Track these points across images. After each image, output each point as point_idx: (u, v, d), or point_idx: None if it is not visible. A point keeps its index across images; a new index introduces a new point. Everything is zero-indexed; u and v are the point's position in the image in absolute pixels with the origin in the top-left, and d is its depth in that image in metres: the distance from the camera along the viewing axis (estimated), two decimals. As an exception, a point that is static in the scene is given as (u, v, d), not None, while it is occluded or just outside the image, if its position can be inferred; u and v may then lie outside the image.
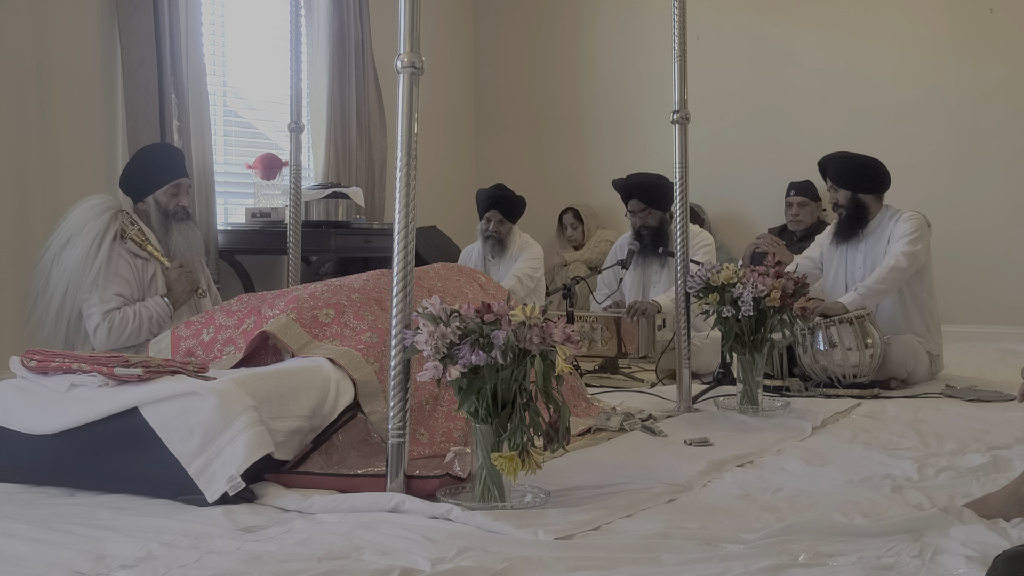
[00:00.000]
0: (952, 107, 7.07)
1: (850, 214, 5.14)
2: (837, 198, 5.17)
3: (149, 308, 4.20)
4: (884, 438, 3.73)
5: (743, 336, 4.18)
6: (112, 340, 4.12)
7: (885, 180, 5.18)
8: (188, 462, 2.89)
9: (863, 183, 5.13)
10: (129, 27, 5.49)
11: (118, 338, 4.13)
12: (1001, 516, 2.57)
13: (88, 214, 4.18)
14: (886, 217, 5.14)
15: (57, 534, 2.57)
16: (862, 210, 5.13)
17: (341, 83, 6.85)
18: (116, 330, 4.12)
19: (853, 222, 5.14)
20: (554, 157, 8.33)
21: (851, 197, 5.13)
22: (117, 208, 4.27)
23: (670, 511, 2.79)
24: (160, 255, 4.29)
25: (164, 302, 4.25)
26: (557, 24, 8.33)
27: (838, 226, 5.23)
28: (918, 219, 5.07)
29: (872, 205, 5.16)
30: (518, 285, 5.72)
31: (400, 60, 2.89)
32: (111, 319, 4.12)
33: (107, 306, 4.12)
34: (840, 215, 5.19)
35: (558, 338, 2.71)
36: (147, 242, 4.27)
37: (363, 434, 3.24)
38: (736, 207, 7.68)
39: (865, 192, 5.14)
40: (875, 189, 5.15)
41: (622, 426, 3.86)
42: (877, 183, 5.15)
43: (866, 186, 5.13)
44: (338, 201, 6.11)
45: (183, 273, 4.32)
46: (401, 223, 2.85)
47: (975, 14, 7.02)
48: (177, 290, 4.30)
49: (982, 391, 4.69)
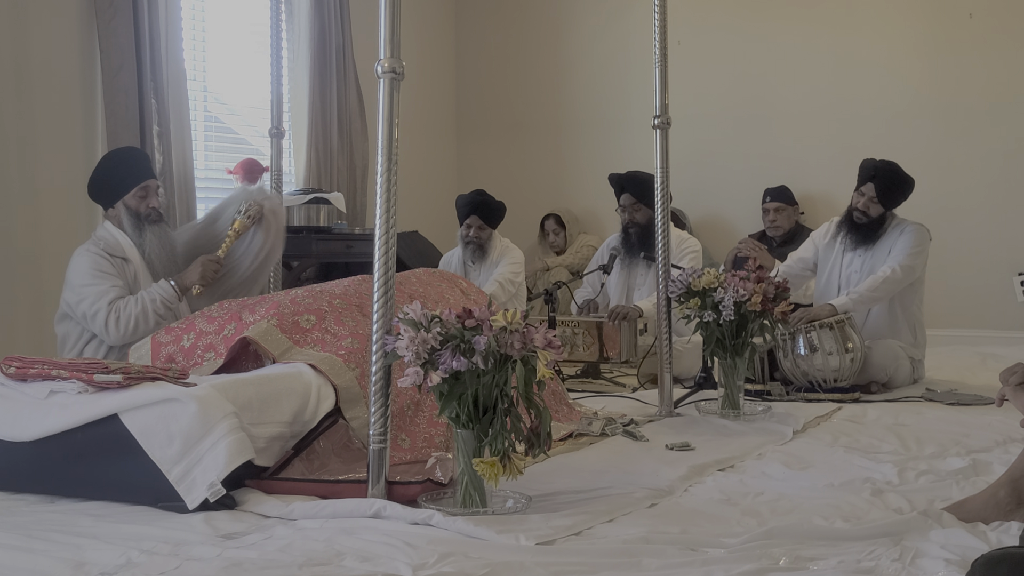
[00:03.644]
0: (933, 111, 7.11)
1: (871, 224, 5.12)
2: (870, 208, 5.09)
3: (151, 292, 4.08)
4: (864, 442, 3.75)
5: (724, 340, 4.19)
6: (122, 330, 4.00)
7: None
8: (168, 469, 2.88)
9: (899, 200, 5.14)
10: (108, 31, 5.47)
11: (126, 325, 4.01)
12: (980, 519, 2.59)
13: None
14: (891, 226, 5.14)
15: (36, 541, 2.56)
16: (882, 222, 5.14)
17: (322, 88, 6.85)
18: (123, 318, 4.00)
19: (870, 232, 5.12)
20: (536, 162, 8.34)
21: (883, 212, 5.12)
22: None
23: (651, 516, 2.79)
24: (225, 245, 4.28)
25: (170, 285, 4.12)
26: (538, 29, 8.34)
27: (853, 232, 5.14)
28: (922, 233, 5.07)
29: (890, 217, 5.19)
30: (499, 290, 5.71)
31: (381, 65, 2.89)
32: (116, 308, 4.01)
33: (109, 296, 4.02)
34: (858, 220, 5.13)
35: (539, 343, 2.72)
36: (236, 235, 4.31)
37: (344, 440, 3.24)
38: (718, 212, 7.70)
39: (895, 207, 5.16)
40: (900, 204, 5.17)
41: (604, 431, 3.87)
42: (904, 200, 5.16)
43: (898, 203, 5.15)
44: (319, 206, 6.11)
45: (212, 264, 4.20)
46: (382, 228, 2.85)
47: (955, 19, 7.06)
48: (196, 274, 4.17)
49: (962, 395, 4.71)
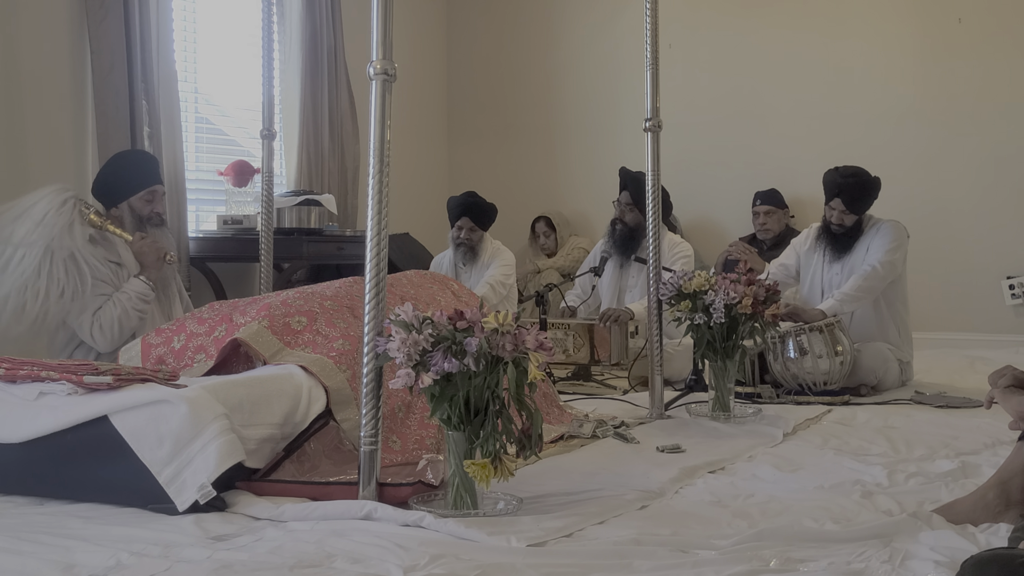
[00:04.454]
0: (922, 116, 7.13)
1: (848, 232, 5.14)
2: (844, 220, 5.11)
3: (126, 291, 4.18)
4: (854, 444, 3.75)
5: (715, 343, 4.19)
6: (107, 336, 4.12)
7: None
8: (158, 470, 2.88)
9: (870, 203, 5.15)
10: (99, 33, 5.45)
11: (110, 331, 4.11)
12: (969, 521, 2.59)
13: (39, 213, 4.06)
14: (868, 227, 5.16)
15: (25, 544, 2.55)
16: (859, 228, 5.15)
17: (314, 90, 6.84)
18: (106, 326, 4.11)
19: (848, 240, 5.14)
20: (527, 165, 8.34)
21: (857, 220, 5.14)
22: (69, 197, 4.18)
23: (642, 518, 2.79)
24: (120, 231, 4.26)
25: (139, 280, 4.23)
26: (530, 31, 8.35)
27: (833, 243, 5.17)
28: (898, 229, 5.10)
29: (867, 218, 5.20)
30: (491, 292, 5.72)
31: (373, 67, 2.89)
32: (99, 318, 4.12)
33: (93, 307, 4.12)
34: (836, 231, 5.15)
35: (531, 345, 2.72)
36: (106, 221, 4.24)
37: (335, 442, 3.24)
38: (709, 215, 7.71)
39: (867, 210, 5.17)
40: (871, 205, 5.19)
41: (595, 433, 3.87)
42: (874, 200, 5.18)
43: (870, 205, 5.16)
44: (310, 208, 6.10)
45: (146, 243, 4.30)
46: (374, 230, 2.85)
47: (944, 23, 7.08)
48: (147, 261, 4.28)
49: (951, 397, 4.72)
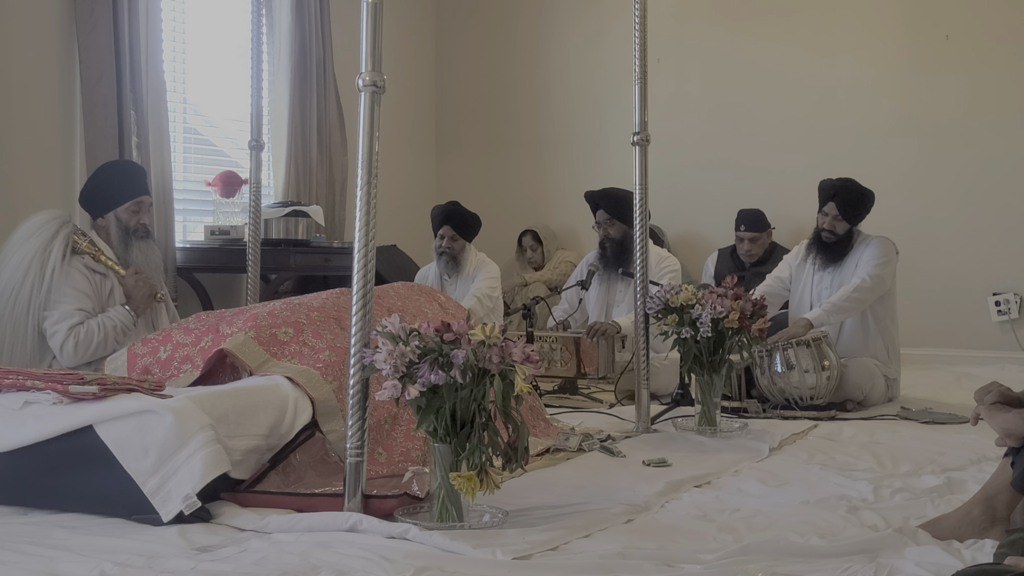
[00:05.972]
0: (909, 131, 7.17)
1: (839, 241, 5.17)
2: (835, 227, 5.15)
3: (112, 318, 4.17)
4: (840, 459, 3.76)
5: (701, 357, 4.20)
6: (80, 354, 4.09)
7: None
8: (143, 481, 2.87)
9: (862, 215, 5.19)
10: (88, 43, 5.45)
11: (85, 351, 4.10)
12: (955, 537, 2.60)
13: (31, 229, 4.14)
14: (858, 242, 5.19)
15: (9, 554, 2.54)
16: (850, 239, 5.18)
17: (302, 101, 6.84)
18: (83, 343, 4.08)
19: (839, 249, 5.17)
20: (515, 178, 8.35)
21: (849, 229, 5.17)
22: (64, 220, 4.22)
23: (628, 531, 2.79)
24: (115, 264, 4.27)
25: (125, 310, 4.22)
26: (519, 44, 8.37)
27: (823, 252, 5.20)
28: (888, 245, 5.13)
29: (856, 233, 5.23)
30: (478, 305, 5.71)
31: (362, 78, 2.89)
32: (76, 333, 4.08)
33: (71, 321, 4.08)
34: (827, 240, 5.18)
35: (517, 358, 2.72)
36: (100, 252, 4.24)
37: (321, 453, 3.23)
38: (695, 229, 7.73)
39: (859, 221, 5.21)
40: (863, 218, 5.22)
41: (581, 446, 3.87)
42: (867, 213, 5.22)
43: (862, 217, 5.20)
44: (298, 219, 6.09)
45: (140, 279, 4.30)
46: (361, 242, 2.85)
47: (932, 40, 7.13)
48: (136, 296, 4.28)
49: (937, 413, 4.73)
